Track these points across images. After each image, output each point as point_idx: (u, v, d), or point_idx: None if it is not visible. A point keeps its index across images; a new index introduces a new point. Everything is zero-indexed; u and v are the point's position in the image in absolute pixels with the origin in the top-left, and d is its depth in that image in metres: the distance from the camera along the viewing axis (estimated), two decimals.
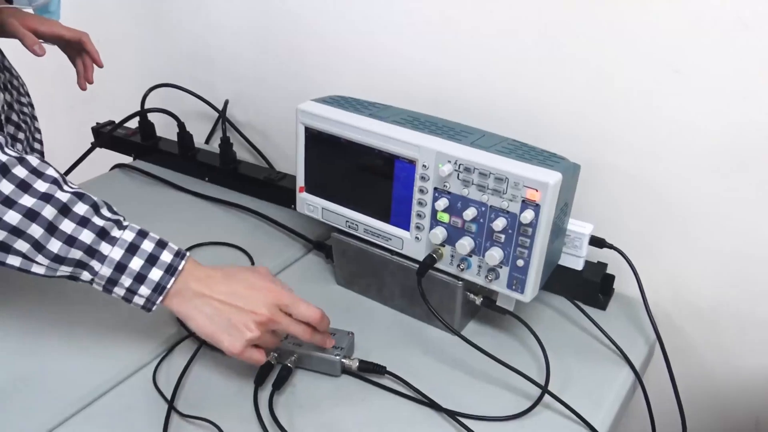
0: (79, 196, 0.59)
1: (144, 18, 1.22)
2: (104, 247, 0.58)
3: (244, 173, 1.04)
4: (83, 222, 0.58)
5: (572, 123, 0.81)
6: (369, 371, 0.69)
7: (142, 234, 0.61)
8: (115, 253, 0.59)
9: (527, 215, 0.63)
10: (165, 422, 0.63)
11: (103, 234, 0.58)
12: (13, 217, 0.55)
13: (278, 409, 0.65)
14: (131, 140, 1.13)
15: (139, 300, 0.61)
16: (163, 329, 0.75)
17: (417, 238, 0.72)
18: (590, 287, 0.80)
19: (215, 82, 1.17)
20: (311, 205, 0.80)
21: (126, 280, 0.60)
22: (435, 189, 0.69)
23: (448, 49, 0.87)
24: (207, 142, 1.23)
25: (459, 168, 0.66)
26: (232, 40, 1.11)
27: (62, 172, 1.06)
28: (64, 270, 0.59)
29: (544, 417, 0.66)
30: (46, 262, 0.57)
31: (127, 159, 1.15)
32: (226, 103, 1.10)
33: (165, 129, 1.12)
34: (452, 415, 0.65)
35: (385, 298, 0.81)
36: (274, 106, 1.12)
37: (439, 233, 0.69)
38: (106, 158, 1.15)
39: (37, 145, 0.98)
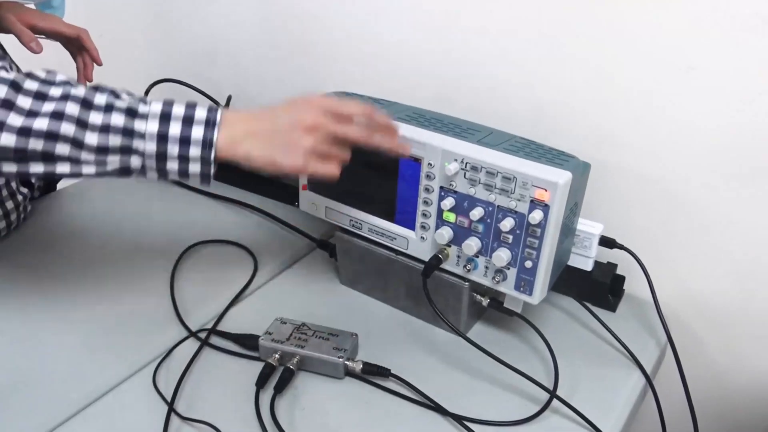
0: (95, 88, 0.59)
1: (147, 13, 1.21)
2: (139, 125, 0.57)
3: (249, 170, 1.02)
4: (108, 108, 0.57)
5: (582, 121, 0.79)
6: (373, 374, 0.68)
7: (168, 102, 0.59)
8: (152, 126, 0.57)
9: (536, 215, 0.61)
10: (165, 424, 0.62)
11: (131, 113, 0.58)
12: (42, 124, 0.55)
13: (280, 412, 0.64)
14: None
15: (195, 167, 0.59)
16: (164, 330, 0.74)
17: (422, 237, 0.71)
18: (600, 288, 0.78)
19: (218, 78, 1.15)
20: (315, 203, 0.79)
21: (173, 149, 0.58)
22: (441, 188, 0.67)
23: (455, 45, 0.86)
24: None
25: (466, 167, 0.64)
26: (235, 35, 1.10)
27: None
28: (113, 161, 0.58)
29: (552, 422, 0.64)
30: (91, 157, 0.57)
31: None
32: (229, 98, 1.09)
33: None
34: (458, 419, 0.63)
35: (390, 298, 0.79)
36: (277, 102, 1.10)
37: (445, 233, 0.67)
38: None
39: None
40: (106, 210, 0.97)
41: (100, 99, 0.57)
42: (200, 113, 0.59)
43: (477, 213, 0.65)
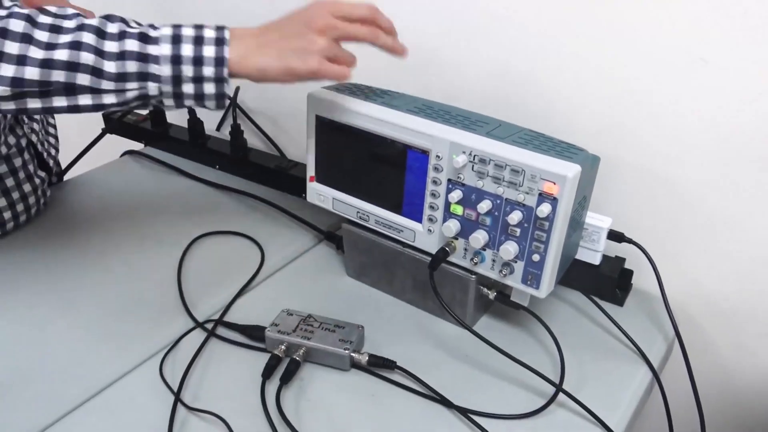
0: (106, 17, 0.60)
1: (147, 11, 1.20)
2: (152, 49, 0.59)
3: (255, 161, 1.02)
4: (121, 35, 0.58)
5: (592, 115, 0.79)
6: (379, 366, 0.68)
7: (176, 26, 0.61)
8: (165, 50, 0.59)
9: (544, 209, 0.61)
10: (171, 415, 0.62)
11: (144, 38, 0.59)
12: (62, 54, 0.56)
13: (285, 403, 0.64)
14: (141, 126, 1.12)
15: (209, 87, 0.60)
16: (171, 321, 0.74)
17: (430, 230, 0.71)
18: (607, 282, 0.78)
19: None
20: (322, 195, 0.78)
21: (187, 70, 0.59)
22: (449, 180, 0.67)
23: (464, 36, 0.85)
24: (218, 129, 1.22)
25: (474, 159, 0.64)
26: (243, 24, 1.09)
27: (73, 158, 1.07)
28: (131, 88, 0.59)
29: (558, 416, 0.64)
30: (111, 85, 0.58)
31: (137, 145, 1.14)
32: (237, 89, 1.09)
33: (176, 115, 1.11)
34: (464, 412, 0.63)
35: (397, 291, 0.79)
36: (285, 92, 1.09)
37: (453, 226, 0.67)
38: (117, 144, 1.14)
39: (51, 139, 0.97)
40: (113, 201, 0.98)
41: (113, 27, 0.59)
42: (209, 33, 0.60)
43: (485, 206, 0.64)
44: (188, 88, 0.60)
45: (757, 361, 0.80)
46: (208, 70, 0.59)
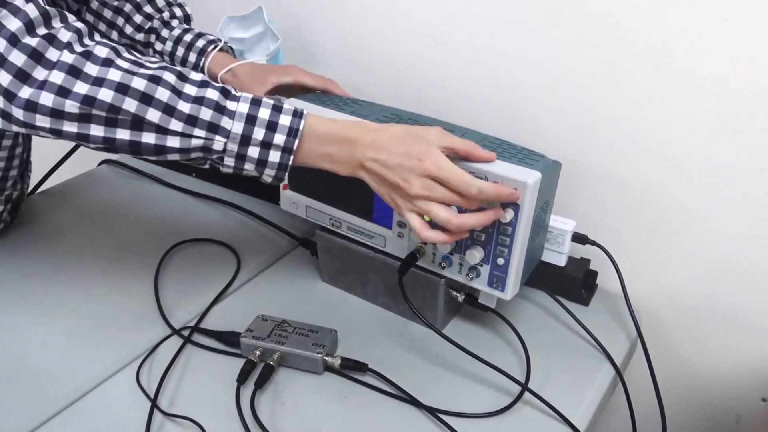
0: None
1: None
2: (230, 104, 0.59)
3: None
4: (203, 84, 0.59)
5: (556, 121, 0.81)
6: (351, 368, 0.70)
7: (258, 97, 0.61)
8: (243, 108, 0.59)
9: (506, 215, 0.63)
10: (148, 420, 0.64)
11: (225, 92, 0.59)
12: (139, 83, 0.56)
13: (260, 407, 0.66)
14: None
15: (274, 155, 0.60)
16: (148, 328, 0.76)
17: (399, 235, 0.72)
18: (573, 283, 0.80)
19: None
20: (295, 202, 0.80)
21: (259, 132, 0.59)
22: None
23: (433, 46, 0.87)
24: None
25: None
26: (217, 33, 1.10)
27: (50, 168, 1.07)
28: (198, 136, 0.58)
29: (524, 413, 0.66)
30: (180, 126, 0.57)
31: (114, 155, 1.14)
32: None
33: None
34: (432, 411, 0.65)
35: (369, 295, 0.81)
36: None
37: None
38: (95, 154, 1.14)
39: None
40: (91, 210, 0.98)
41: (196, 76, 0.59)
42: (289, 106, 0.60)
43: None
44: (253, 151, 0.59)
45: (717, 357, 0.83)
46: (279, 138, 0.59)
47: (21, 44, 0.54)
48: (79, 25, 0.58)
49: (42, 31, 0.55)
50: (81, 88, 0.55)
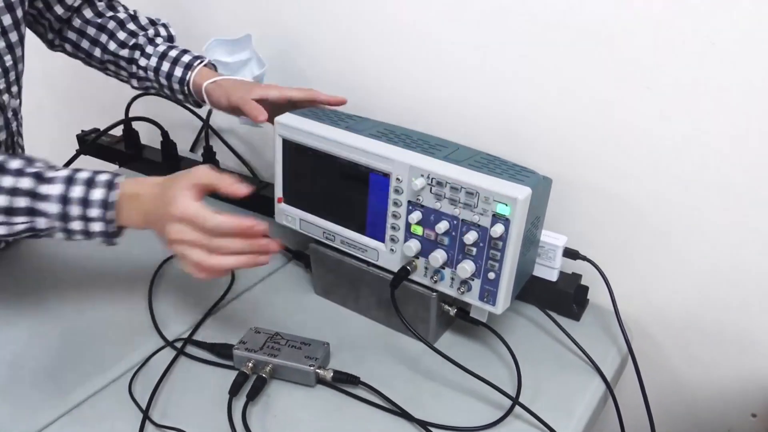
0: (14, 156, 0.64)
1: None
2: (44, 188, 0.62)
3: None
4: (18, 173, 0.62)
5: (548, 138, 0.82)
6: (343, 381, 0.70)
7: (75, 169, 0.64)
8: (56, 189, 0.62)
9: (497, 229, 0.64)
10: None
11: (39, 177, 0.62)
12: None
13: (252, 419, 0.66)
14: (115, 148, 1.13)
15: (96, 226, 0.63)
16: (141, 340, 0.76)
17: (392, 249, 0.73)
18: (564, 298, 0.81)
19: None
20: (289, 215, 0.81)
21: (75, 210, 0.62)
22: (409, 202, 0.69)
23: (427, 63, 0.88)
24: (192, 150, 1.23)
25: (432, 182, 0.67)
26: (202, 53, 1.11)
27: None
28: (20, 222, 0.62)
29: (514, 427, 0.67)
30: (1, 217, 0.61)
31: (112, 167, 1.15)
32: (210, 111, 1.11)
33: (149, 137, 1.12)
34: (424, 425, 0.66)
35: (362, 308, 0.81)
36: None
37: (413, 246, 0.70)
38: (93, 166, 1.14)
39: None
40: None
41: (13, 164, 0.62)
42: (102, 177, 0.63)
43: (442, 226, 0.67)
44: (76, 225, 0.63)
45: (707, 371, 0.83)
46: (95, 212, 0.63)
47: None
48: None
49: None
50: None
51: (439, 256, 0.68)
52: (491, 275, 0.67)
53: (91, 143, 1.12)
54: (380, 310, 0.79)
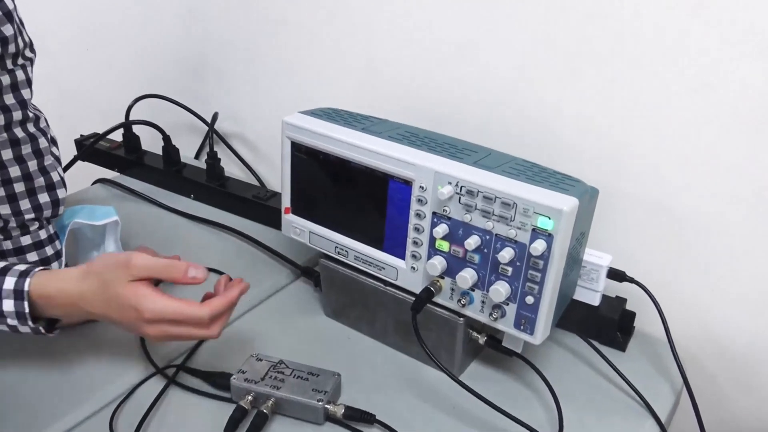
0: None
1: (134, 27, 1.17)
2: None
3: (232, 191, 0.97)
4: None
5: (590, 144, 0.75)
6: (356, 419, 0.62)
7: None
8: None
9: (538, 246, 0.55)
10: None
11: None
12: None
13: None
14: (115, 153, 1.07)
15: (12, 321, 0.59)
16: (128, 366, 0.68)
17: (413, 268, 0.65)
18: (608, 325, 0.73)
19: (206, 95, 1.11)
20: (298, 227, 0.73)
21: None
22: (434, 214, 0.61)
23: (452, 62, 0.81)
24: (197, 156, 1.17)
25: (460, 190, 0.59)
26: (224, 51, 1.05)
27: None
28: None
29: None
30: None
31: (111, 173, 1.09)
32: (215, 115, 1.04)
33: (151, 142, 1.06)
34: None
35: (378, 333, 0.73)
36: (266, 119, 1.06)
37: (438, 263, 0.61)
38: (93, 172, 1.09)
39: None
40: None
41: None
42: (17, 268, 0.59)
43: (473, 242, 0.59)
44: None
45: None
46: (8, 303, 0.58)
47: None
48: None
49: None
50: None
51: (468, 276, 0.60)
52: (529, 299, 0.58)
53: (88, 148, 1.06)
54: (398, 336, 0.71)
